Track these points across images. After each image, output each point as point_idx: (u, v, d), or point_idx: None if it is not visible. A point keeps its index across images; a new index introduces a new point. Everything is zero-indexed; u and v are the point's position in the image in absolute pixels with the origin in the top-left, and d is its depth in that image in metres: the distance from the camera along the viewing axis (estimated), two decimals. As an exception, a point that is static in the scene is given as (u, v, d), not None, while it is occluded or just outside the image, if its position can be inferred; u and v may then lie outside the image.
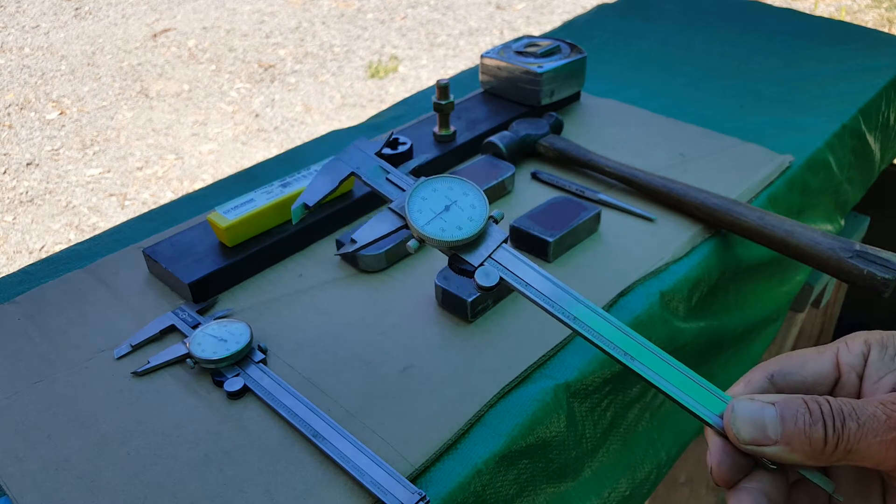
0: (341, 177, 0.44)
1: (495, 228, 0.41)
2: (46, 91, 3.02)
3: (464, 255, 0.40)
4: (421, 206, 0.40)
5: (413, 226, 0.40)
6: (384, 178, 0.43)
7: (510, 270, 0.39)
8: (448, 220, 0.40)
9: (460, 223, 0.40)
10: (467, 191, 0.41)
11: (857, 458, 0.29)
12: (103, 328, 0.59)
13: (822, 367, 0.33)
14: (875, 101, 0.93)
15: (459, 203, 0.40)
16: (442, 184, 0.41)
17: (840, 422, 0.29)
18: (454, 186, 0.41)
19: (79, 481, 0.47)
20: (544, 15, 3.66)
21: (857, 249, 0.60)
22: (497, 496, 0.48)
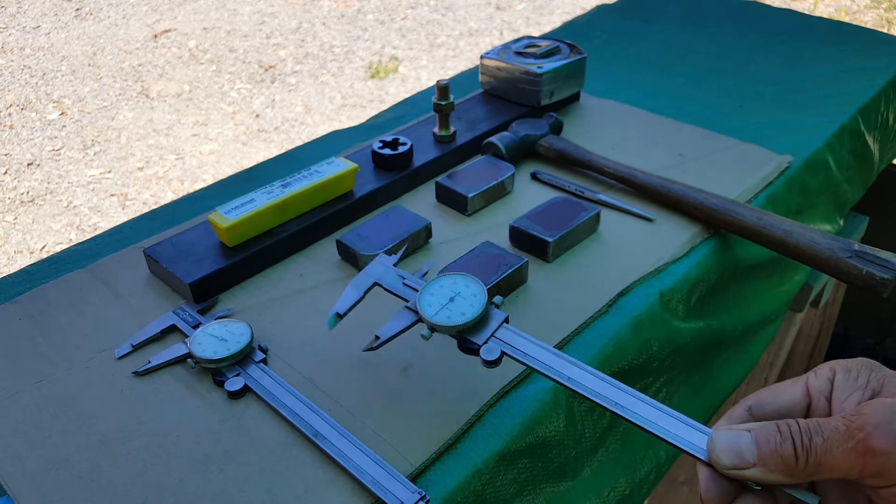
0: (366, 287, 0.52)
1: (496, 312, 0.47)
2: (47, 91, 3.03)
3: (469, 336, 0.46)
4: (430, 300, 0.48)
5: (424, 318, 0.47)
6: (402, 283, 0.51)
7: (510, 345, 0.45)
8: (453, 309, 0.47)
9: (464, 310, 0.47)
10: (468, 283, 0.48)
11: (828, 470, 0.31)
12: (104, 328, 0.59)
13: (795, 395, 0.36)
14: (874, 101, 0.93)
15: (462, 294, 0.48)
16: (447, 280, 0.49)
17: (807, 438, 0.31)
18: (457, 281, 0.49)
19: (79, 481, 0.47)
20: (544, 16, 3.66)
21: (855, 249, 0.60)
22: (497, 495, 0.49)
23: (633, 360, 0.58)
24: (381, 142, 0.76)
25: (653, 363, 0.61)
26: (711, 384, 0.71)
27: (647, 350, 0.59)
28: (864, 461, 0.30)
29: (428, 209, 0.73)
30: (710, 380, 0.71)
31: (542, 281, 0.62)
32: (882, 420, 0.30)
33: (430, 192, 0.75)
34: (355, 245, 0.64)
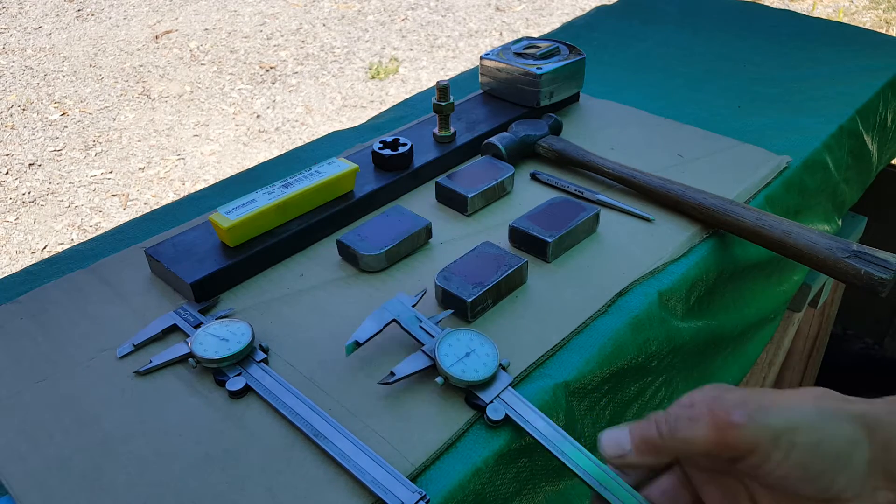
0: (385, 322, 0.55)
1: (503, 374, 0.51)
2: (49, 92, 3.03)
3: (478, 392, 0.50)
4: (447, 351, 0.52)
5: (441, 366, 0.51)
6: (418, 325, 0.55)
7: (512, 408, 0.49)
8: (468, 364, 0.51)
9: (477, 367, 0.51)
10: (483, 342, 0.53)
11: (687, 442, 0.36)
12: (105, 328, 0.60)
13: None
14: (872, 101, 0.93)
15: (477, 351, 0.52)
16: (464, 335, 0.53)
17: (671, 421, 0.36)
18: (473, 338, 0.53)
19: (81, 480, 0.47)
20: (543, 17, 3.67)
21: (854, 249, 0.60)
22: (496, 495, 0.49)
23: (633, 359, 0.59)
24: (381, 142, 0.76)
25: (652, 363, 0.61)
26: (710, 383, 0.71)
27: (646, 349, 0.60)
28: (719, 436, 0.34)
29: (428, 209, 0.73)
30: (709, 379, 0.71)
31: (541, 281, 0.62)
32: (734, 401, 0.35)
33: (430, 193, 0.75)
34: (356, 245, 0.64)
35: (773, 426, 0.34)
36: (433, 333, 0.54)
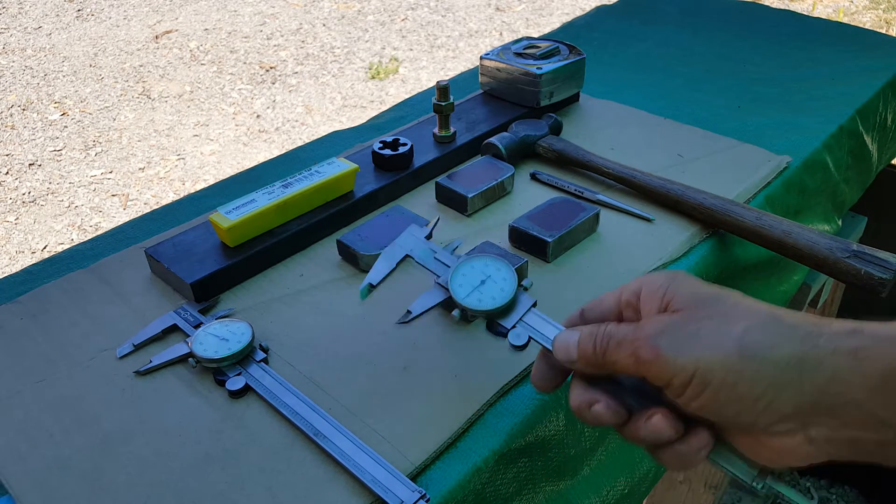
0: (398, 259, 0.52)
1: (524, 296, 0.48)
2: (49, 92, 3.03)
3: (499, 319, 0.47)
4: (461, 281, 0.48)
5: (456, 300, 0.48)
6: (433, 257, 0.52)
7: (538, 331, 0.46)
8: (484, 292, 0.48)
9: (494, 294, 0.47)
10: (499, 267, 0.49)
11: (617, 368, 0.38)
12: (105, 328, 0.60)
13: (610, 305, 0.43)
14: (872, 101, 0.93)
15: (493, 277, 0.48)
16: (478, 262, 0.49)
17: (605, 340, 0.38)
18: (489, 263, 0.49)
19: (81, 480, 0.47)
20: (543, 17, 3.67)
21: (854, 249, 0.60)
22: (496, 494, 0.49)
23: (632, 359, 0.59)
24: (381, 142, 0.76)
25: (652, 363, 0.61)
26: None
27: (645, 349, 0.60)
28: (637, 366, 0.36)
29: (428, 209, 0.73)
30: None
31: (541, 281, 0.62)
32: (651, 334, 0.36)
33: (430, 193, 0.75)
34: (356, 245, 0.64)
35: (685, 364, 0.34)
36: (449, 264, 0.50)
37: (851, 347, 0.32)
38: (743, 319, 0.35)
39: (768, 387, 0.33)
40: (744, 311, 0.35)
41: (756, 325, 0.34)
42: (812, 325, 0.34)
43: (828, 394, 0.32)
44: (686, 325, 0.35)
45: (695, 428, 0.37)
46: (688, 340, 0.35)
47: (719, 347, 0.34)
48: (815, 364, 0.32)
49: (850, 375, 0.31)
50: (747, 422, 0.34)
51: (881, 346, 0.31)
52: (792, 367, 0.32)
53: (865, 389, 0.31)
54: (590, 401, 0.39)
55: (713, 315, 0.35)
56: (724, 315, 0.35)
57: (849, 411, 0.32)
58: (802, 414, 0.33)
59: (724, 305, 0.36)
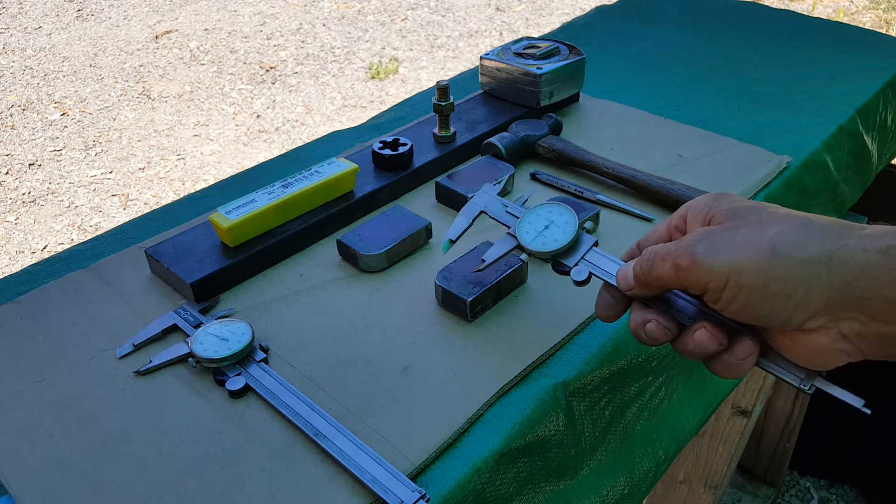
0: (474, 216, 0.57)
1: (586, 236, 0.51)
2: (49, 92, 3.03)
3: (562, 259, 0.51)
4: (527, 228, 0.53)
5: (523, 244, 0.52)
6: (504, 211, 0.56)
7: (599, 267, 0.49)
8: (548, 235, 0.52)
9: (557, 237, 0.51)
10: (562, 212, 0.53)
11: (662, 282, 0.41)
12: (105, 328, 0.60)
13: (661, 232, 0.46)
14: (872, 101, 0.93)
15: (556, 222, 0.52)
16: (543, 210, 0.53)
17: (651, 259, 0.41)
18: (552, 210, 0.53)
19: (81, 480, 0.47)
20: (543, 17, 3.67)
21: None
22: (496, 494, 0.49)
23: (632, 359, 0.59)
24: (381, 142, 0.76)
25: (651, 363, 0.61)
26: (710, 383, 0.71)
27: (645, 349, 0.60)
28: (677, 275, 0.39)
29: (428, 209, 0.73)
30: (709, 379, 0.71)
31: (541, 280, 0.62)
32: (689, 244, 0.38)
33: (430, 193, 0.75)
34: (356, 245, 0.64)
35: (720, 268, 0.36)
36: (518, 215, 0.55)
37: (882, 246, 0.33)
38: (776, 225, 0.36)
39: (799, 284, 0.34)
40: (779, 218, 0.37)
41: (788, 229, 0.36)
42: (844, 228, 0.35)
43: (857, 288, 0.33)
44: (723, 233, 0.38)
45: (739, 338, 0.40)
46: (723, 246, 0.37)
47: (752, 249, 0.36)
48: (844, 261, 0.33)
49: (879, 271, 0.32)
50: (782, 319, 0.36)
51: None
52: (821, 263, 0.34)
53: (894, 284, 0.32)
54: (643, 320, 0.43)
55: (750, 223, 0.37)
56: (759, 222, 0.37)
57: (878, 306, 0.33)
58: (833, 309, 0.34)
59: (761, 214, 0.38)
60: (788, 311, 0.35)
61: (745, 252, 0.36)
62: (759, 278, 0.35)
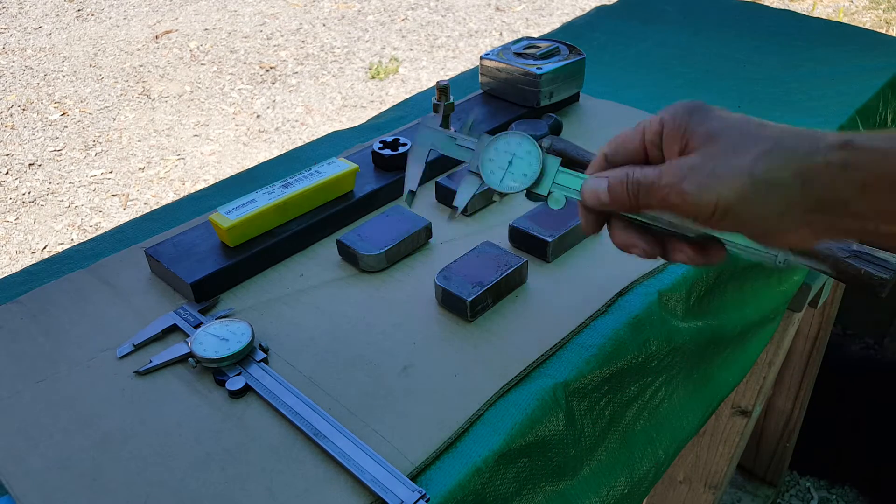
0: (424, 156, 0.55)
1: (550, 159, 0.51)
2: (49, 92, 3.03)
3: (535, 190, 0.51)
4: (491, 167, 0.51)
5: (492, 186, 0.51)
6: (455, 144, 0.53)
7: (571, 188, 0.49)
8: (515, 171, 0.51)
9: (525, 171, 0.51)
10: (521, 142, 0.51)
11: (649, 207, 0.44)
12: (105, 328, 0.60)
13: (636, 145, 0.47)
14: (872, 101, 0.93)
15: (518, 153, 0.51)
16: (501, 143, 0.51)
17: (636, 185, 0.44)
18: (510, 141, 0.51)
19: (81, 480, 0.47)
20: (543, 17, 3.67)
21: (854, 249, 0.60)
22: (496, 494, 0.49)
23: (632, 359, 0.59)
24: (381, 142, 0.76)
25: (651, 363, 0.61)
26: (710, 384, 0.71)
27: (645, 349, 0.60)
28: (669, 208, 0.43)
29: (428, 209, 0.73)
30: (709, 379, 0.71)
31: (541, 281, 0.62)
32: (675, 181, 0.42)
33: (430, 193, 0.75)
34: (356, 245, 0.64)
35: (708, 200, 0.41)
36: (471, 147, 0.53)
37: (841, 160, 0.38)
38: (751, 150, 0.41)
39: (778, 205, 0.40)
40: (751, 141, 0.41)
41: (762, 155, 0.40)
42: (809, 143, 0.40)
43: (825, 199, 0.39)
44: (704, 165, 0.42)
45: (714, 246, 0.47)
46: (707, 180, 0.41)
47: (735, 180, 0.40)
48: (812, 178, 0.39)
49: (841, 184, 0.38)
50: (763, 233, 0.42)
51: (865, 157, 0.38)
52: (796, 185, 0.39)
53: (852, 193, 0.38)
54: (628, 244, 0.48)
55: (726, 150, 0.41)
56: (734, 147, 0.41)
57: (840, 209, 0.39)
58: (807, 216, 0.40)
59: (734, 136, 0.42)
60: (770, 227, 0.41)
61: (729, 183, 0.41)
62: (742, 205, 0.41)
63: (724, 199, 0.41)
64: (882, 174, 0.38)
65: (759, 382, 1.11)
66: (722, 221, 0.42)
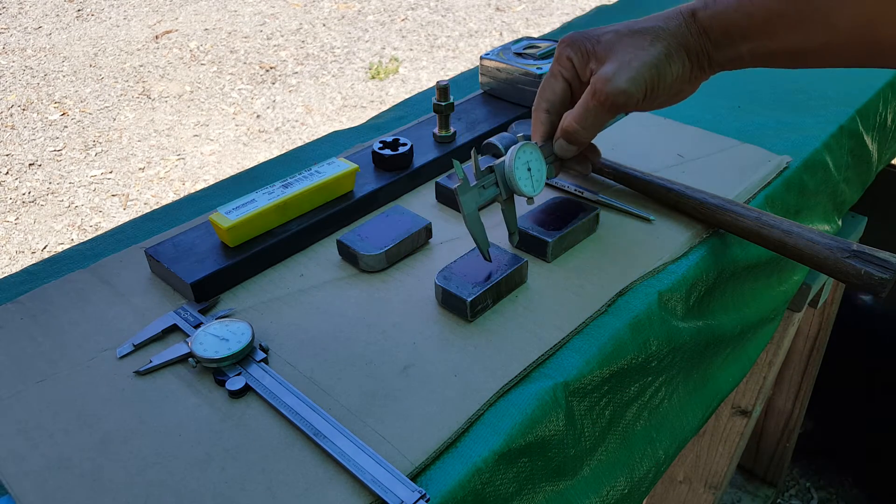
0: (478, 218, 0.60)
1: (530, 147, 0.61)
2: (49, 92, 3.03)
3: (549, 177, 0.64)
4: (523, 182, 0.61)
5: (534, 195, 0.62)
6: (482, 189, 0.61)
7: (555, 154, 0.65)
8: (535, 173, 0.62)
9: (538, 167, 0.62)
10: (522, 148, 0.61)
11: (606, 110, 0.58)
12: (105, 328, 0.60)
13: (563, 88, 0.62)
14: (872, 101, 0.93)
15: (529, 160, 0.62)
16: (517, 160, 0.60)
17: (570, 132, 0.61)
18: (519, 154, 0.61)
19: (81, 480, 0.47)
20: (543, 17, 3.67)
21: (854, 249, 0.60)
22: (496, 494, 0.49)
23: (632, 359, 0.59)
24: (381, 142, 0.76)
25: (651, 363, 0.61)
26: (710, 384, 0.71)
27: (645, 350, 0.60)
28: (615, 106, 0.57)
29: (428, 209, 0.73)
30: (709, 379, 0.71)
31: (541, 281, 0.63)
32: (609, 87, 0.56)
33: (430, 193, 0.75)
34: (356, 245, 0.64)
35: (639, 87, 0.56)
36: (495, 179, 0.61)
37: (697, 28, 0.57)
38: (644, 44, 0.57)
39: (677, 68, 0.57)
40: (640, 38, 0.57)
41: (653, 42, 0.57)
42: (676, 23, 0.57)
43: (698, 53, 0.57)
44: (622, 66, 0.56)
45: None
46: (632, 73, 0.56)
47: (648, 65, 0.56)
48: (688, 44, 0.57)
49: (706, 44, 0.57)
50: (678, 90, 0.60)
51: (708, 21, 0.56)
52: (682, 53, 0.57)
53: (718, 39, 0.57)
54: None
55: (627, 50, 0.57)
56: (633, 46, 0.57)
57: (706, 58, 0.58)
58: (693, 69, 0.58)
59: (626, 41, 0.58)
60: (677, 86, 0.58)
61: (647, 69, 0.56)
62: (660, 79, 0.57)
63: (648, 80, 0.56)
64: (716, 27, 0.56)
65: (759, 382, 1.12)
66: (651, 99, 0.57)
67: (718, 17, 0.55)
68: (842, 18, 0.48)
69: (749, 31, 0.54)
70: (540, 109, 0.62)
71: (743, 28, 0.54)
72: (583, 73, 0.59)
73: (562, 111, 0.62)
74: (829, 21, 0.49)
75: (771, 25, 0.52)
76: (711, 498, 1.20)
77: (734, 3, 0.54)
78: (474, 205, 0.58)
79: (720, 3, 0.55)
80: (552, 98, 0.61)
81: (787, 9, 0.51)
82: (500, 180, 0.60)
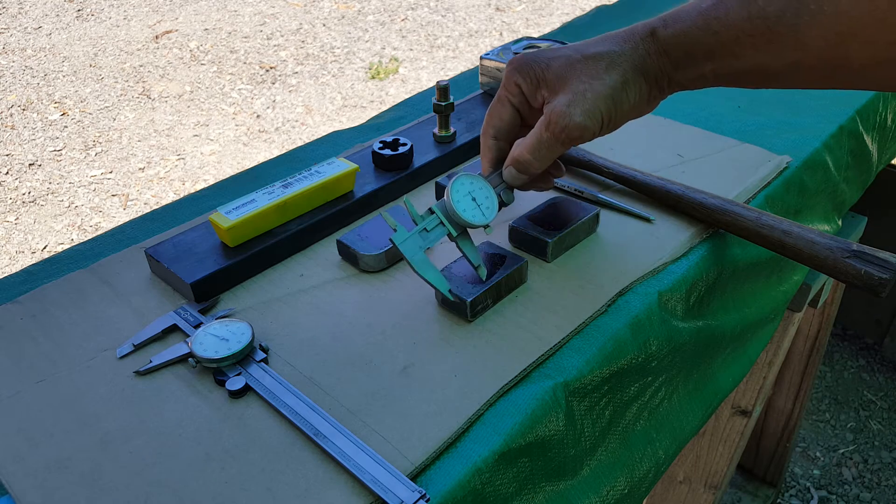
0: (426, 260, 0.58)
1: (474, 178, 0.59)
2: (49, 92, 3.03)
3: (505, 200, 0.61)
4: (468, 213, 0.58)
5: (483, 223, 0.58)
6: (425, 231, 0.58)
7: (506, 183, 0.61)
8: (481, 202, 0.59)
9: (486, 193, 0.59)
10: (461, 180, 0.58)
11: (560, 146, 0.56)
12: (105, 328, 0.60)
13: (512, 116, 0.59)
14: (872, 101, 0.93)
15: (471, 190, 0.58)
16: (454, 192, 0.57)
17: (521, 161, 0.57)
18: (458, 186, 0.58)
19: (81, 480, 0.47)
20: (543, 17, 3.67)
21: (854, 249, 0.60)
22: (496, 494, 0.49)
23: (632, 359, 0.59)
24: (381, 142, 0.76)
25: (651, 363, 0.61)
26: (710, 384, 0.71)
27: (645, 349, 0.60)
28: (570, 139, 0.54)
29: (428, 209, 0.73)
30: (709, 379, 0.71)
31: (541, 281, 0.63)
32: (565, 121, 0.53)
33: (430, 193, 0.75)
34: (356, 245, 0.64)
35: (596, 120, 0.54)
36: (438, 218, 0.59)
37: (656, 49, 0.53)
38: (599, 71, 0.53)
39: (634, 93, 0.54)
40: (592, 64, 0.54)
41: (607, 69, 0.53)
42: (631, 44, 0.54)
43: (657, 76, 0.54)
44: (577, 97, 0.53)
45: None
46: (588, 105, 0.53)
47: (603, 95, 0.53)
48: (645, 67, 0.54)
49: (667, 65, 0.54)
50: (637, 113, 0.56)
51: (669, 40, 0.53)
52: (639, 77, 0.54)
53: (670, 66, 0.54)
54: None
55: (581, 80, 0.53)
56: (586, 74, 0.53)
57: (666, 78, 0.55)
58: (652, 91, 0.55)
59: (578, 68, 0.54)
60: (635, 109, 0.56)
61: (602, 99, 0.53)
62: (616, 107, 0.54)
63: (605, 111, 0.53)
64: (678, 46, 0.52)
65: (759, 382, 1.12)
66: (609, 128, 0.55)
67: (680, 36, 0.52)
68: (812, 37, 0.45)
69: (714, 50, 0.51)
70: (487, 136, 0.59)
71: (708, 47, 0.51)
72: (532, 99, 0.56)
73: (510, 138, 0.59)
74: (799, 40, 0.46)
75: (739, 44, 0.49)
76: (711, 498, 1.20)
77: (699, 21, 0.51)
78: (419, 250, 0.56)
79: (682, 22, 0.52)
80: (499, 125, 0.58)
81: (757, 27, 0.48)
82: (444, 219, 0.57)
